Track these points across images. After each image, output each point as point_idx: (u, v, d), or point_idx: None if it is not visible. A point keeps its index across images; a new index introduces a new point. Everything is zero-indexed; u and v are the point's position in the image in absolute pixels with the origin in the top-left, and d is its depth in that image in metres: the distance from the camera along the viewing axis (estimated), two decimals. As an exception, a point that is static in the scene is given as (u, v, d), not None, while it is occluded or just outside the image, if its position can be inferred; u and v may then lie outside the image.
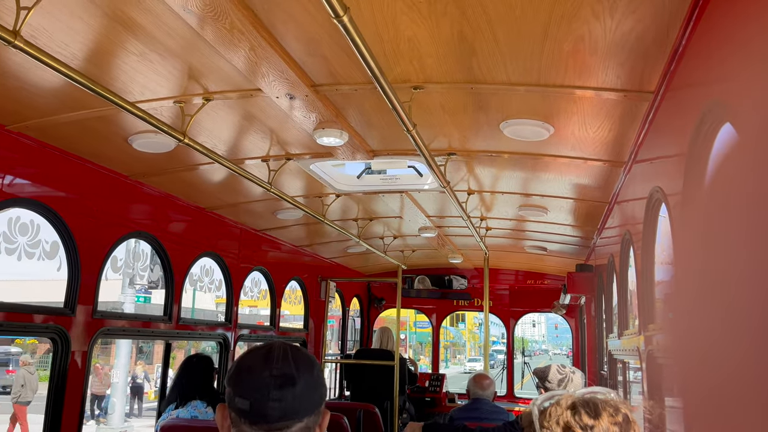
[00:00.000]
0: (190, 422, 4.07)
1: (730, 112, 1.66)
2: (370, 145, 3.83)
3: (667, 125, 2.59)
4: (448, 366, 46.81)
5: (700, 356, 0.40)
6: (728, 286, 0.40)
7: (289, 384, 1.30)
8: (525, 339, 73.15)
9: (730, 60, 1.74)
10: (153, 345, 34.88)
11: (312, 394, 1.33)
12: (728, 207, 0.37)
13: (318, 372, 1.39)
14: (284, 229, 6.11)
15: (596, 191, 4.42)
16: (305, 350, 1.47)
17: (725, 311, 0.39)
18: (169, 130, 3.03)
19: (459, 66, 2.64)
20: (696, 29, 2.02)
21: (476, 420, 4.60)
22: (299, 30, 2.44)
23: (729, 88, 1.74)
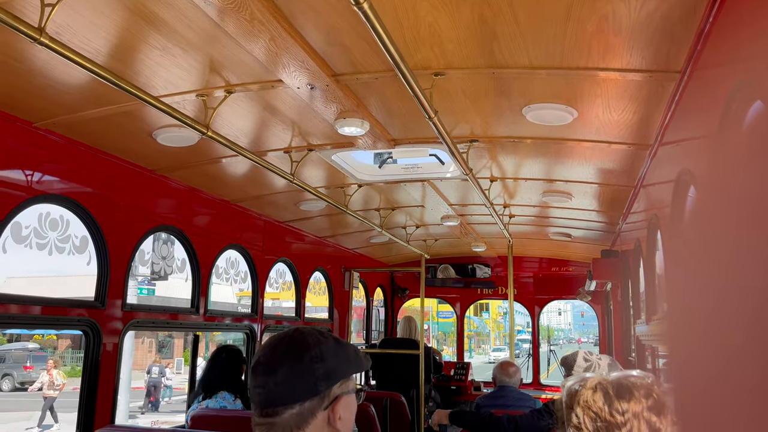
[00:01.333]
0: (219, 412, 4.14)
1: (761, 89, 1.62)
2: (391, 133, 3.82)
3: (695, 105, 2.54)
4: (472, 356, 46.66)
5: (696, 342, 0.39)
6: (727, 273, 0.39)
7: (270, 372, 1.38)
8: (551, 328, 72.43)
9: (760, 35, 1.70)
10: (173, 340, 35.25)
11: (299, 381, 1.37)
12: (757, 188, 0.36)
13: (312, 359, 1.39)
14: (307, 220, 6.14)
15: (621, 175, 4.36)
16: (312, 337, 1.44)
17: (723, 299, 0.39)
18: (192, 124, 3.06)
19: (480, 51, 2.62)
20: (723, 5, 1.97)
21: (503, 407, 4.60)
22: (319, 19, 2.44)
23: (759, 64, 1.70)
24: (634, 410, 1.35)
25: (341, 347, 1.47)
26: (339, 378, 1.42)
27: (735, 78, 1.83)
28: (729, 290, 0.41)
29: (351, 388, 1.45)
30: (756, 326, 0.35)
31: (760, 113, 1.76)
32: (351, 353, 1.48)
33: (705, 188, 1.77)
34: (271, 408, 1.38)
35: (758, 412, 0.33)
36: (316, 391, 1.38)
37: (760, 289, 0.38)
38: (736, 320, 0.39)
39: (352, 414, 1.45)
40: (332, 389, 1.40)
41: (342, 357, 1.45)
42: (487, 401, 4.86)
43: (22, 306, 3.25)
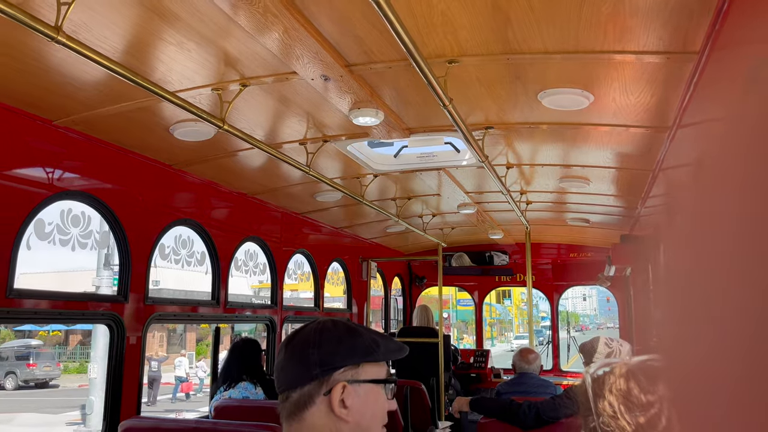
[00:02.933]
0: (242, 402, 4.21)
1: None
2: (405, 123, 3.82)
3: (714, 87, 2.50)
4: (494, 344, 46.13)
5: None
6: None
7: (279, 358, 1.48)
8: (575, 314, 71.56)
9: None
10: (185, 333, 35.24)
11: (295, 366, 1.43)
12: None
13: (306, 345, 1.43)
14: (324, 211, 6.16)
15: (639, 159, 4.31)
16: (318, 325, 1.48)
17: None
18: (209, 118, 3.09)
19: (494, 37, 2.60)
20: (742, -17, 1.94)
21: (523, 394, 4.60)
22: (331, 9, 2.44)
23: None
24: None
25: (351, 336, 1.47)
26: (338, 365, 1.42)
27: (756, 56, 1.80)
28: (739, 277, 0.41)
29: (363, 378, 1.43)
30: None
31: None
32: (364, 342, 1.46)
33: (722, 172, 1.75)
34: (281, 392, 1.46)
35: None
36: (312, 376, 1.40)
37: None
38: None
39: (367, 405, 1.43)
40: (332, 375, 1.40)
41: (347, 345, 1.45)
42: (507, 388, 4.86)
43: (47, 300, 3.31)
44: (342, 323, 1.51)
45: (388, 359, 1.54)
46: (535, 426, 3.79)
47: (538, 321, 49.81)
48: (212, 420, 3.85)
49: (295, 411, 1.42)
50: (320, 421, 1.40)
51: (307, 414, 1.40)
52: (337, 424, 1.40)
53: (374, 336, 1.52)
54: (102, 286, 13.70)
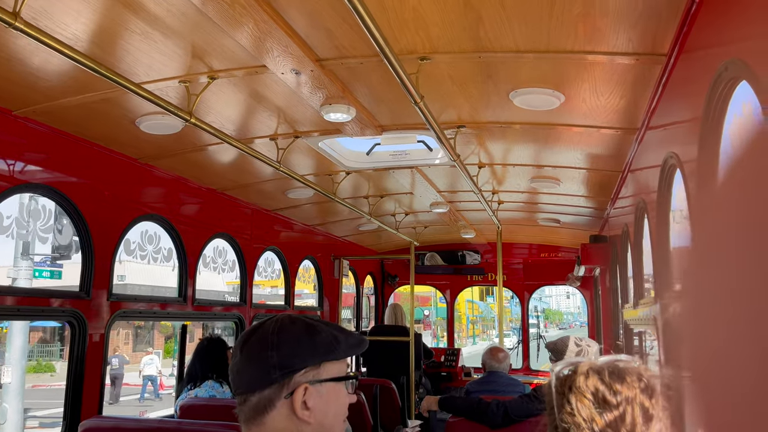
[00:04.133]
0: (208, 401, 4.14)
1: (747, 70, 1.61)
2: (378, 120, 3.79)
3: (681, 89, 2.53)
4: (475, 342, 45.77)
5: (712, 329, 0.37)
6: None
7: (234, 359, 1.41)
8: (559, 311, 71.70)
9: (746, 17, 1.68)
10: (153, 331, 34.43)
11: (253, 370, 1.36)
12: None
13: (264, 347, 1.36)
14: (296, 208, 6.11)
15: (609, 160, 4.36)
16: (275, 324, 1.40)
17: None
18: (175, 111, 3.02)
19: (466, 34, 2.59)
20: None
21: (492, 392, 4.62)
22: (301, 2, 2.40)
23: (745, 46, 1.69)
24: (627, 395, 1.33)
25: (310, 335, 1.40)
26: (299, 366, 1.36)
27: (721, 59, 1.82)
28: (719, 276, 0.39)
29: (325, 377, 1.38)
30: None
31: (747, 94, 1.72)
32: (324, 340, 1.40)
33: (692, 171, 1.76)
34: (239, 395, 1.39)
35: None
36: (271, 379, 1.34)
37: (744, 265, 0.36)
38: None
39: (329, 404, 1.39)
40: (293, 378, 1.34)
41: (306, 345, 1.39)
42: (476, 387, 4.87)
43: (2, 297, 3.21)
44: (300, 320, 1.44)
45: (349, 355, 1.50)
46: (504, 424, 3.80)
47: (519, 318, 49.75)
48: (176, 420, 3.77)
49: (254, 415, 1.35)
50: (281, 425, 1.35)
51: (267, 418, 1.34)
52: (300, 426, 1.36)
53: (334, 332, 1.45)
54: (20, 278, 12.15)
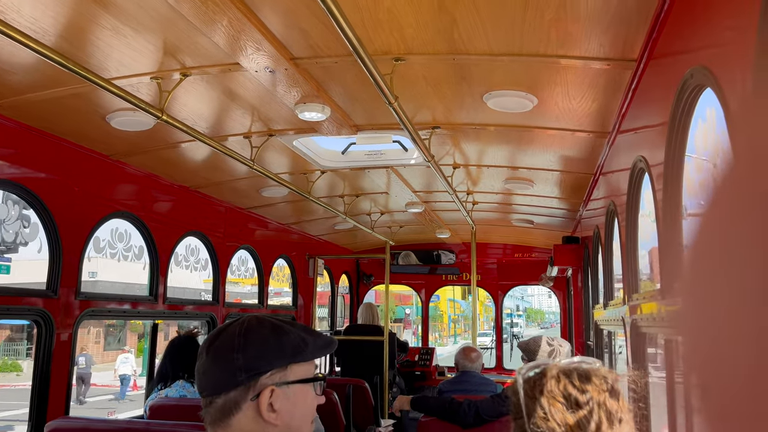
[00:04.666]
0: (179, 401, 4.08)
1: (711, 78, 1.64)
2: (353, 119, 3.79)
3: (650, 94, 2.58)
4: (456, 341, 45.62)
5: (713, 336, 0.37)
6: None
7: (200, 361, 1.40)
8: (541, 311, 71.93)
9: (710, 26, 1.72)
10: (125, 330, 33.75)
11: (218, 371, 1.35)
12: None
13: (230, 348, 1.35)
14: (270, 206, 6.07)
15: (581, 163, 4.42)
16: (242, 326, 1.39)
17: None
18: (147, 107, 2.97)
19: (440, 36, 2.60)
20: None
21: (465, 392, 4.64)
22: (276, 2, 2.39)
23: (709, 53, 1.72)
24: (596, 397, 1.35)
25: (277, 336, 1.39)
26: (265, 369, 1.35)
27: (688, 66, 1.85)
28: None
29: (292, 379, 1.37)
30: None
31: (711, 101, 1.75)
32: (291, 342, 1.39)
33: (659, 175, 1.78)
34: (204, 397, 1.38)
35: None
36: (237, 382, 1.33)
37: (715, 264, 0.37)
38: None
39: (296, 406, 1.38)
40: (259, 380, 1.34)
41: (273, 346, 1.37)
42: (449, 386, 4.89)
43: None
44: (267, 321, 1.43)
45: (317, 357, 1.49)
46: (475, 424, 3.83)
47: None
48: (145, 420, 3.72)
49: (220, 417, 1.34)
50: (248, 427, 1.34)
51: (233, 420, 1.33)
52: (266, 428, 1.35)
53: (302, 333, 1.44)
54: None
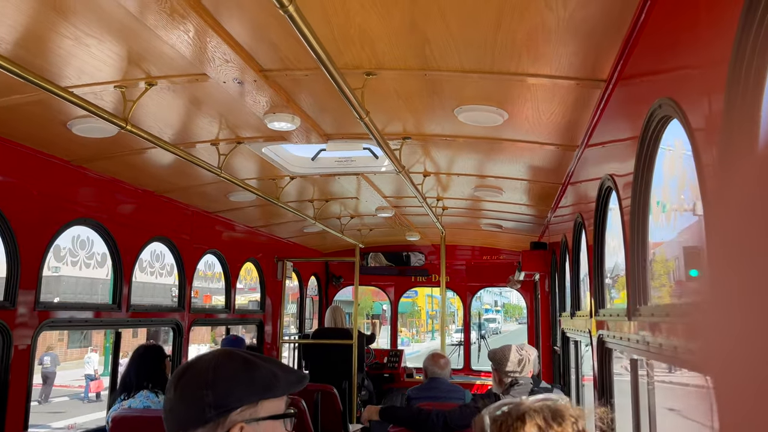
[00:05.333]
0: (143, 412, 3.99)
1: (678, 110, 1.66)
2: (323, 128, 3.74)
3: (618, 115, 2.60)
4: (434, 337, 45.49)
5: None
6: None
7: (167, 396, 1.37)
8: (519, 306, 72.35)
9: (677, 58, 1.74)
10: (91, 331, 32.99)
11: (186, 408, 1.32)
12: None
13: (199, 385, 1.32)
14: (238, 210, 5.98)
15: (550, 173, 4.46)
16: (213, 361, 1.36)
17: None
18: (110, 118, 2.89)
19: (412, 53, 2.58)
20: (646, 25, 2.01)
21: (433, 399, 4.66)
22: (244, 15, 2.34)
23: (676, 86, 1.74)
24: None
25: (248, 371, 1.36)
26: (235, 405, 1.32)
27: (655, 94, 1.87)
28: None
29: (262, 415, 1.34)
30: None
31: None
32: (262, 377, 1.36)
33: (627, 197, 1.79)
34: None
35: None
36: (205, 419, 1.30)
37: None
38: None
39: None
40: (228, 416, 1.30)
41: (244, 382, 1.34)
42: (418, 393, 4.90)
43: None
44: (238, 355, 1.40)
45: (288, 393, 1.46)
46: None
47: (480, 313, 50.00)
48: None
49: None
50: None
51: None
52: None
53: (274, 368, 1.41)
54: None
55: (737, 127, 1.28)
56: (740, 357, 1.24)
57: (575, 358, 5.03)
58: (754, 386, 1.18)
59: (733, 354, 1.29)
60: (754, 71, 1.23)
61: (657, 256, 2.48)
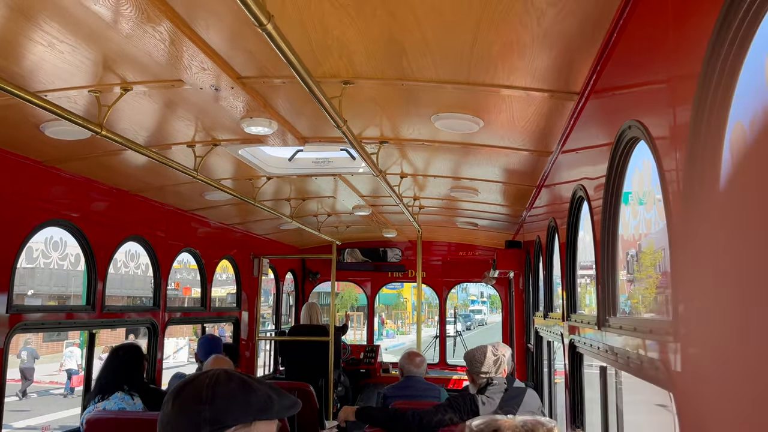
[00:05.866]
0: (118, 414, 3.97)
1: (645, 133, 1.71)
2: (300, 132, 3.75)
3: (591, 123, 2.66)
4: (421, 328, 45.26)
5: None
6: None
7: (165, 411, 1.41)
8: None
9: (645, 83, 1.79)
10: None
11: (182, 421, 1.37)
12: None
13: (198, 401, 1.36)
14: (214, 208, 5.95)
15: (524, 176, 4.52)
16: (212, 378, 1.41)
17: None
18: (84, 123, 2.85)
19: (389, 63, 2.60)
20: (618, 42, 2.06)
21: (409, 398, 4.71)
22: (221, 25, 2.33)
23: (642, 109, 1.79)
24: None
25: (245, 392, 1.41)
26: (231, 423, 1.36)
27: (624, 115, 1.92)
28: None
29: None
30: None
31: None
32: (258, 399, 1.41)
33: (597, 204, 1.84)
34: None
35: None
36: (199, 429, 1.33)
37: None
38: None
39: None
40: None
41: (241, 402, 1.39)
42: (393, 392, 4.95)
43: None
44: (236, 376, 1.45)
45: (281, 416, 1.50)
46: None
47: (467, 304, 49.47)
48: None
49: None
50: None
51: None
52: None
53: (269, 392, 1.46)
54: None
55: (700, 160, 1.33)
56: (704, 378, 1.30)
57: (548, 357, 5.13)
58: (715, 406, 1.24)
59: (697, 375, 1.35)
60: (720, 95, 1.27)
61: (644, 248, 2.54)
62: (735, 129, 1.29)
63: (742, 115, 1.25)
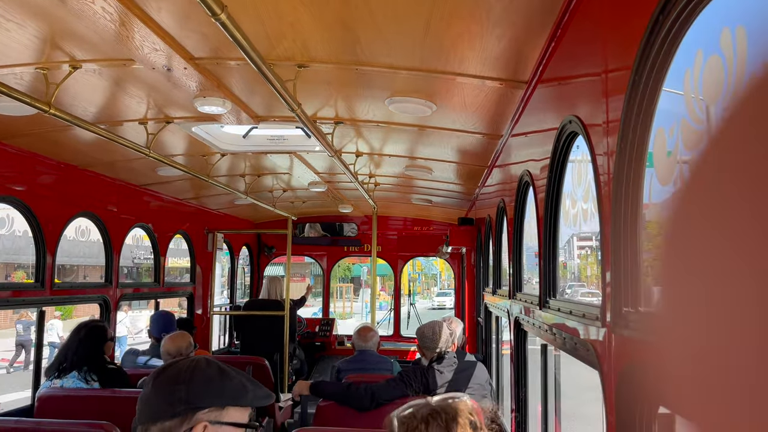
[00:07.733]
0: (70, 392, 3.91)
1: (582, 128, 1.82)
2: (254, 110, 3.74)
3: (538, 113, 2.76)
4: (415, 300, 44.03)
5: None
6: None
7: (145, 391, 1.49)
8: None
9: (580, 80, 1.89)
10: None
11: (159, 400, 1.45)
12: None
13: (176, 380, 1.45)
14: (167, 183, 5.87)
15: (476, 157, 4.63)
16: (191, 363, 1.49)
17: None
18: (32, 102, 2.80)
19: (343, 49, 2.63)
20: (564, 35, 2.15)
21: (362, 371, 4.84)
22: (174, 7, 2.31)
23: (580, 105, 1.89)
24: None
25: (222, 378, 1.49)
26: (204, 405, 1.44)
27: (565, 111, 2.03)
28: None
29: (226, 420, 1.46)
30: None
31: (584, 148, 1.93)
32: (233, 386, 1.49)
33: (541, 191, 1.97)
34: (141, 424, 1.45)
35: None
36: (175, 412, 1.41)
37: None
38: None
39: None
40: (196, 414, 1.43)
41: (217, 387, 1.47)
42: (347, 366, 5.07)
43: None
44: (215, 363, 1.53)
45: (254, 405, 1.58)
46: (371, 407, 4.02)
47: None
48: (34, 420, 3.59)
49: None
50: None
51: None
52: None
53: (245, 381, 1.55)
54: None
55: (628, 154, 1.43)
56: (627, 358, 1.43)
57: (496, 331, 5.33)
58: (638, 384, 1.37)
59: (620, 356, 1.48)
60: (648, 95, 1.37)
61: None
62: (658, 133, 1.40)
63: (663, 122, 1.35)
